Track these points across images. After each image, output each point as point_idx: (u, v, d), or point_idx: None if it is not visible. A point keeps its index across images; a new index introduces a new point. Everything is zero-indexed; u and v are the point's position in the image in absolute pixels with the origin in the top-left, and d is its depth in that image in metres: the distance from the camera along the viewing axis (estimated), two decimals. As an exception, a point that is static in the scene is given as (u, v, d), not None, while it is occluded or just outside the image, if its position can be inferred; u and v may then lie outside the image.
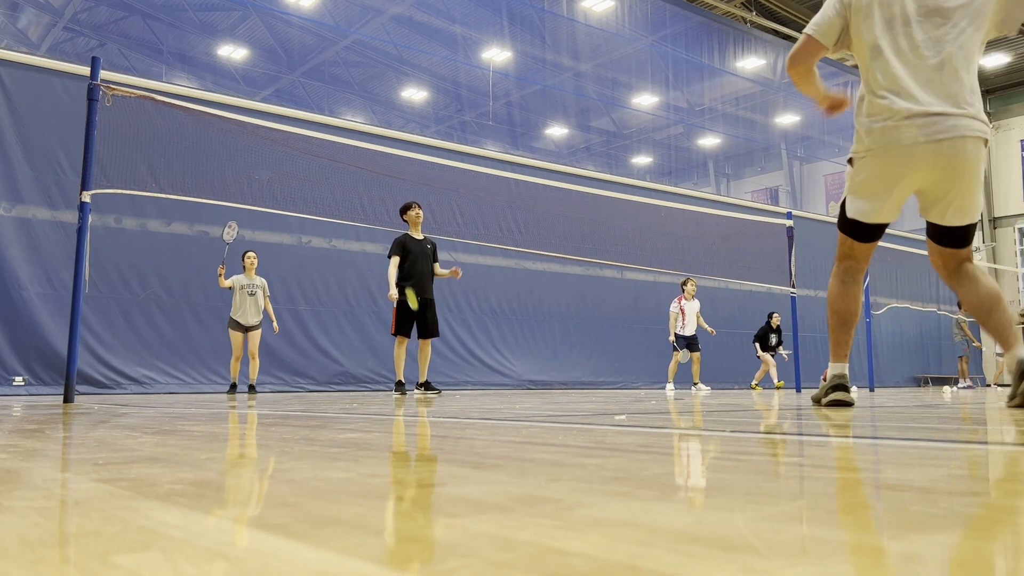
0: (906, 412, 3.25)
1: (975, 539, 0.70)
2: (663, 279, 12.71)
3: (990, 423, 2.56)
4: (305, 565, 0.59)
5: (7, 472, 1.23)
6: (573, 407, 3.86)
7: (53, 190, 8.06)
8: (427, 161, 8.39)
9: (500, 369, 11.02)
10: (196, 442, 1.80)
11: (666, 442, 1.78)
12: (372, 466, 1.37)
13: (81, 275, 5.16)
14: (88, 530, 0.73)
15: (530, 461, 1.36)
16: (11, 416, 3.19)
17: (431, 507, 0.88)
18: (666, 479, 1.09)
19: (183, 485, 1.03)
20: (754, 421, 2.77)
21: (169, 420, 2.79)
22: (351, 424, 2.57)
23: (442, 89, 14.09)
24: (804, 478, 1.18)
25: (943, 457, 1.46)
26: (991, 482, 1.16)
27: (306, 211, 7.58)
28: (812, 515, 0.83)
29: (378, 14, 12.74)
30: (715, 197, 14.65)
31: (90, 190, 5.21)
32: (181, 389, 8.40)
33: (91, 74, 5.38)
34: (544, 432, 2.10)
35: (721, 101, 16.66)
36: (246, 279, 7.93)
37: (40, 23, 11.03)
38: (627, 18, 14.68)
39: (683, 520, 0.76)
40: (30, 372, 7.70)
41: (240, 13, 12.06)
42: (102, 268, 8.06)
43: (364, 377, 9.78)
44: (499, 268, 11.33)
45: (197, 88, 9.87)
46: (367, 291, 10.06)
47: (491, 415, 3.06)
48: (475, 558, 0.60)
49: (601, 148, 16.73)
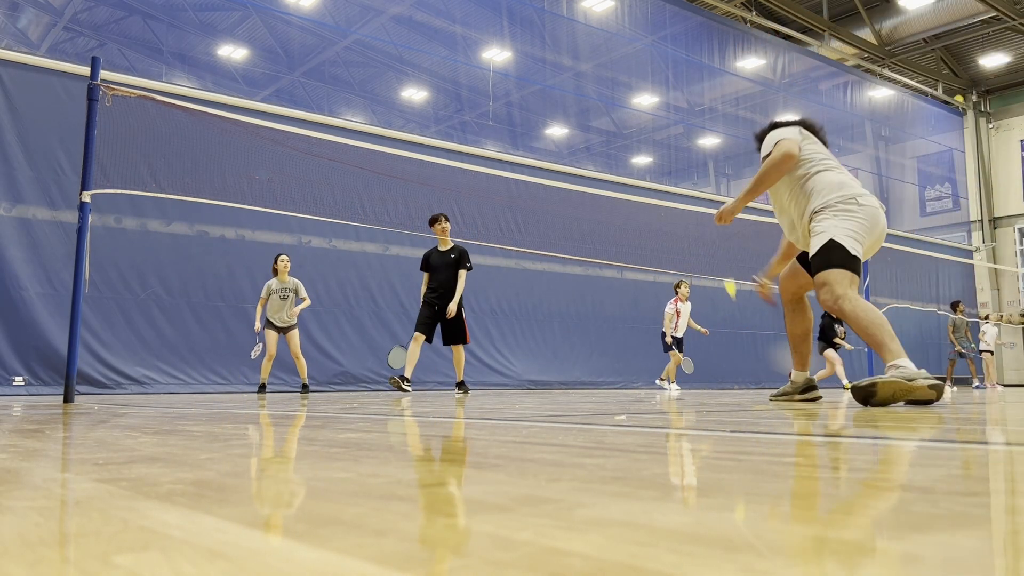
0: (907, 411, 3.25)
1: (975, 539, 0.70)
2: (663, 279, 12.70)
3: (990, 424, 2.56)
4: (305, 565, 0.59)
5: (7, 472, 1.23)
6: (573, 407, 3.86)
7: (53, 190, 8.06)
8: (427, 161, 8.39)
9: (500, 369, 11.01)
10: (196, 442, 1.80)
11: (666, 442, 1.77)
12: (372, 466, 1.37)
13: (81, 275, 5.15)
14: (88, 530, 0.73)
15: (530, 461, 1.36)
16: (11, 416, 3.19)
17: (431, 507, 0.88)
18: (666, 479, 1.09)
19: (183, 485, 1.03)
20: (754, 421, 2.77)
21: (169, 420, 2.79)
22: (351, 424, 2.57)
23: (442, 89, 14.08)
24: (804, 478, 1.18)
25: (943, 457, 1.46)
26: (990, 482, 1.16)
27: (306, 211, 7.58)
28: (812, 515, 0.83)
29: (378, 14, 12.73)
30: (715, 197, 14.64)
31: (90, 190, 5.21)
32: (181, 389, 8.40)
33: (91, 74, 5.37)
34: (544, 432, 2.10)
35: (721, 101, 16.65)
36: (278, 283, 8.02)
37: (40, 23, 11.03)
38: (627, 18, 14.67)
39: (683, 520, 0.76)
40: (30, 372, 7.70)
41: (240, 13, 12.05)
42: (102, 268, 8.06)
43: (364, 377, 9.78)
44: (499, 268, 11.32)
45: (197, 88, 9.87)
46: (367, 291, 10.06)
47: (491, 415, 3.06)
48: (475, 558, 0.60)
49: (601, 148, 16.73)
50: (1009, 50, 18.73)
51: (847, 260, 3.76)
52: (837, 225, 3.83)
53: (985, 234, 19.73)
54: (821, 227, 3.86)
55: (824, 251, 3.78)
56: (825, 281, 3.77)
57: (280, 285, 7.99)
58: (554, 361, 11.67)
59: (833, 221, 3.84)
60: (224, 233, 9.19)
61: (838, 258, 3.76)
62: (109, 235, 8.25)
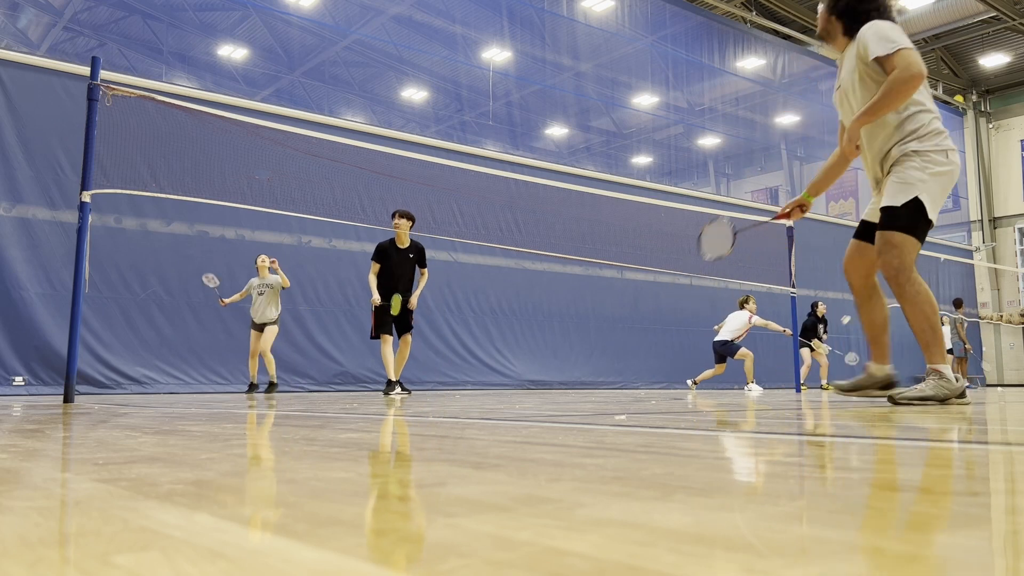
0: (907, 411, 3.25)
1: (974, 539, 0.70)
2: (663, 279, 12.70)
3: (990, 424, 2.56)
4: (305, 565, 0.59)
5: (7, 472, 1.23)
6: (573, 407, 3.86)
7: (53, 190, 8.06)
8: (427, 161, 8.39)
9: (500, 369, 11.02)
10: (196, 442, 1.80)
11: (666, 442, 1.77)
12: (372, 466, 1.37)
13: (81, 275, 5.15)
14: (88, 530, 0.73)
15: (530, 461, 1.36)
16: (11, 416, 3.19)
17: (431, 507, 0.88)
18: (666, 479, 1.09)
19: (183, 485, 1.03)
20: (755, 421, 2.77)
21: (169, 420, 2.79)
22: (351, 424, 2.57)
23: (442, 89, 14.08)
24: (804, 478, 1.18)
25: (943, 457, 1.46)
26: (989, 482, 1.16)
27: (306, 211, 7.58)
28: (812, 515, 0.83)
29: (378, 14, 12.73)
30: (715, 197, 14.65)
31: (90, 190, 5.21)
32: (181, 389, 8.40)
33: (91, 74, 5.37)
34: (544, 432, 2.10)
35: (721, 101, 16.66)
36: (259, 280, 8.30)
37: (40, 23, 11.03)
38: (627, 18, 14.68)
39: (683, 520, 0.76)
40: (30, 372, 7.70)
41: (240, 13, 12.06)
42: (102, 268, 8.06)
43: (364, 377, 9.78)
44: (499, 268, 11.32)
45: (197, 88, 9.87)
46: (367, 291, 10.06)
47: (491, 415, 3.06)
48: (475, 558, 0.60)
49: (601, 148, 16.73)
50: (1009, 50, 18.73)
51: (923, 226, 3.35)
52: (927, 181, 3.35)
53: (985, 234, 19.73)
54: (910, 176, 3.36)
55: (906, 208, 3.33)
56: (897, 244, 3.34)
57: (260, 281, 8.27)
58: (554, 361, 11.67)
59: (923, 175, 3.35)
60: (224, 233, 9.19)
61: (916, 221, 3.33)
62: (109, 235, 8.25)
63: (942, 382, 3.37)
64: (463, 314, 10.93)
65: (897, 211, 3.35)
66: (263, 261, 8.27)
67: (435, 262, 10.85)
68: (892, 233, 3.35)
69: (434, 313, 10.65)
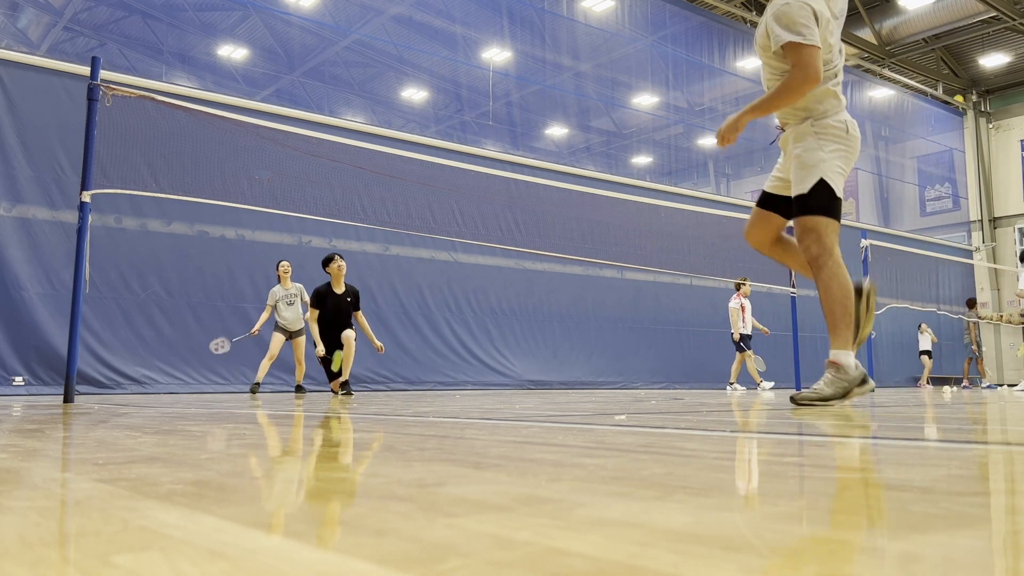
0: (906, 412, 3.25)
1: (974, 539, 0.70)
2: (663, 279, 12.69)
3: (990, 423, 2.56)
4: (305, 565, 0.59)
5: (7, 472, 1.23)
6: (573, 407, 3.86)
7: (53, 190, 8.06)
8: (427, 161, 8.38)
9: (500, 369, 11.01)
10: (196, 442, 1.80)
11: (666, 442, 1.77)
12: (372, 466, 1.37)
13: (81, 275, 5.15)
14: (88, 530, 0.73)
15: (530, 461, 1.36)
16: (11, 416, 3.19)
17: (431, 507, 0.88)
18: (666, 479, 1.09)
19: (183, 485, 1.03)
20: (754, 421, 2.77)
21: (169, 420, 2.79)
22: (351, 424, 2.57)
23: (442, 89, 14.07)
24: (804, 478, 1.18)
25: (943, 457, 1.46)
26: (988, 482, 1.16)
27: (306, 211, 7.58)
28: (812, 515, 0.83)
29: (378, 14, 12.73)
30: (715, 197, 14.64)
31: (90, 190, 5.21)
32: (181, 389, 8.40)
33: (91, 74, 5.37)
34: (544, 432, 2.10)
35: (721, 101, 16.64)
36: (282, 290, 8.29)
37: (40, 23, 11.02)
38: (627, 18, 14.67)
39: (683, 520, 0.76)
40: (30, 372, 7.70)
41: (240, 13, 12.05)
42: (102, 268, 8.06)
43: (364, 377, 9.78)
44: (499, 268, 11.32)
45: (197, 88, 9.87)
46: (367, 291, 10.05)
47: (491, 415, 3.06)
48: (475, 558, 0.60)
49: (601, 148, 16.72)
50: (1009, 50, 18.73)
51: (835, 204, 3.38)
52: (828, 160, 3.38)
53: (985, 234, 19.73)
54: (812, 157, 3.39)
55: (815, 192, 3.36)
56: (813, 228, 3.36)
57: (284, 292, 8.26)
58: (554, 361, 11.67)
59: (824, 154, 3.39)
60: (224, 233, 9.19)
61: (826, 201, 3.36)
62: (109, 235, 8.25)
63: (839, 375, 3.30)
64: (463, 314, 10.93)
65: (806, 197, 3.39)
66: (285, 269, 8.25)
67: (435, 262, 10.86)
68: (807, 218, 3.39)
69: (434, 313, 10.65)
